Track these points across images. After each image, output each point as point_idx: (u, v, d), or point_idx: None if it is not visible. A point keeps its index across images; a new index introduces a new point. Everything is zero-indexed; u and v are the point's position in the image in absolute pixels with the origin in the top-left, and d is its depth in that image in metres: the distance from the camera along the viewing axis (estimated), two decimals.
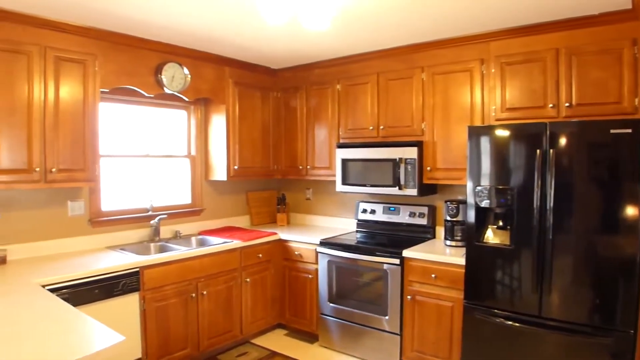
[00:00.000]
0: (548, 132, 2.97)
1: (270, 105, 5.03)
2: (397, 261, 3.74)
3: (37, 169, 3.19)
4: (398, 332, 3.78)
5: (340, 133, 4.53)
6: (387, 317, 3.82)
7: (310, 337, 4.46)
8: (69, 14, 3.22)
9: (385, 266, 3.81)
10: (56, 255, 3.60)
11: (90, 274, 3.12)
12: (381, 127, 4.22)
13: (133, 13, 3.24)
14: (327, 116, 4.64)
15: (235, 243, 4.16)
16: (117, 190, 4.16)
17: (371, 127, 4.28)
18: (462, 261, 3.41)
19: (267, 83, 4.99)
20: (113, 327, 2.04)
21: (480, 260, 3.30)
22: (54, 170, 3.27)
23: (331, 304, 4.19)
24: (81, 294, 3.03)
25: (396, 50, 4.11)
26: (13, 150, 3.10)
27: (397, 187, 4.02)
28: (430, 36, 3.79)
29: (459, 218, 3.84)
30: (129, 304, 3.34)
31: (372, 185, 4.19)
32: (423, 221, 4.28)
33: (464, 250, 3.54)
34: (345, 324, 4.10)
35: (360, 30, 3.63)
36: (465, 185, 3.41)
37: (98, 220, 3.93)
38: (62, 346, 1.87)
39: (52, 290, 2.76)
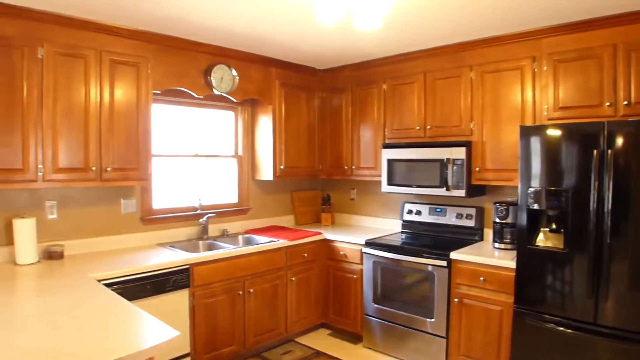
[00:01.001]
0: (606, 132, 2.86)
1: (315, 105, 5.05)
2: (444, 263, 3.69)
3: (93, 168, 3.33)
4: (444, 335, 3.72)
5: (386, 133, 4.50)
6: (432, 320, 3.77)
7: (354, 338, 4.45)
8: (124, 18, 3.33)
9: (431, 268, 3.76)
10: (110, 251, 3.73)
11: (143, 270, 3.23)
12: (428, 127, 4.17)
13: (185, 16, 3.32)
14: (372, 116, 4.62)
15: (282, 242, 4.20)
16: (167, 189, 4.28)
17: (418, 127, 4.24)
18: (512, 264, 3.33)
19: (312, 83, 5.02)
20: (163, 322, 2.10)
21: (532, 264, 3.21)
22: (108, 169, 3.40)
23: (375, 305, 4.18)
24: (134, 289, 3.13)
25: (444, 49, 4.05)
26: (71, 150, 3.24)
27: (444, 188, 3.96)
28: (479, 34, 3.72)
29: (509, 220, 3.75)
30: (179, 300, 3.43)
31: (418, 186, 4.15)
32: (470, 223, 4.21)
33: (513, 253, 3.46)
34: (390, 325, 4.07)
35: (408, 29, 3.61)
36: (515, 187, 3.34)
37: (149, 218, 4.05)
38: (122, 339, 1.94)
39: (106, 285, 2.85)
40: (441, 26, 3.53)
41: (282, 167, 4.68)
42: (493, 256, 3.54)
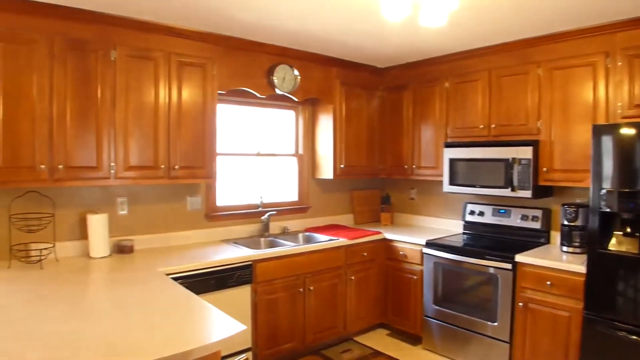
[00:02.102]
0: None
1: (376, 104, 5.02)
2: (508, 266, 3.58)
3: (162, 166, 3.47)
4: (507, 340, 3.61)
5: (448, 132, 4.42)
6: (495, 324, 3.67)
7: (413, 339, 4.40)
8: (191, 20, 3.44)
9: (495, 270, 3.66)
10: (176, 246, 3.87)
11: (209, 265, 3.33)
12: (492, 125, 4.06)
13: (249, 17, 3.39)
14: (434, 115, 4.54)
15: (341, 241, 4.21)
16: (230, 187, 4.38)
17: (481, 126, 4.13)
18: (581, 269, 3.19)
19: (372, 82, 4.99)
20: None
21: (604, 269, 3.06)
22: (176, 167, 3.53)
23: (436, 306, 4.11)
24: (199, 283, 3.23)
25: (509, 45, 3.92)
26: (141, 149, 3.38)
27: (509, 189, 3.84)
28: (548, 29, 3.58)
29: (578, 223, 3.59)
30: (241, 296, 3.51)
31: (481, 186, 4.05)
32: (536, 225, 4.06)
33: (583, 257, 3.32)
34: (450, 328, 4.00)
35: (474, 25, 3.52)
36: (585, 188, 3.19)
37: (213, 215, 4.17)
38: (192, 331, 2.01)
39: (174, 279, 2.95)
40: (508, 22, 3.43)
41: (342, 166, 4.69)
42: (561, 260, 3.41)
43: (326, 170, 4.74)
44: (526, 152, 3.74)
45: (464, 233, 4.57)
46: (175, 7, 3.16)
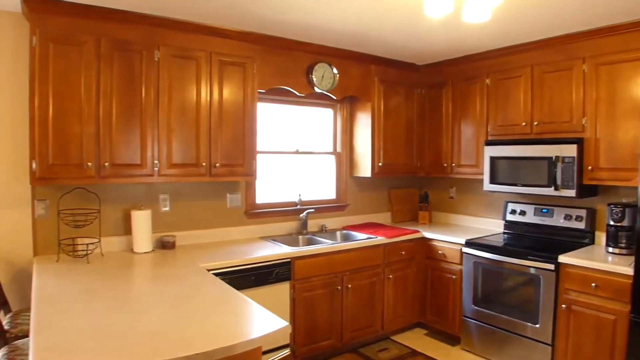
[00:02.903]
0: None
1: (415, 101, 4.98)
2: (551, 267, 3.49)
3: (204, 164, 3.53)
4: (549, 342, 3.53)
5: (489, 130, 4.34)
6: (537, 325, 3.59)
7: (451, 339, 4.35)
8: (232, 20, 3.49)
9: (537, 271, 3.58)
10: (216, 242, 3.95)
11: (249, 261, 3.38)
12: (535, 123, 3.97)
13: (289, 17, 3.42)
14: (474, 112, 4.47)
15: (379, 239, 4.20)
16: (269, 185, 4.43)
17: (524, 123, 4.04)
18: (629, 271, 3.08)
19: (411, 79, 4.95)
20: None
21: None
22: (217, 165, 3.59)
23: (475, 307, 4.05)
24: (239, 279, 3.28)
25: (553, 41, 3.82)
26: (183, 147, 3.46)
27: (553, 188, 3.75)
28: (594, 23, 3.47)
29: (625, 223, 3.47)
30: (280, 292, 3.55)
31: (523, 185, 3.96)
32: (580, 225, 3.94)
33: (630, 259, 3.22)
34: (490, 329, 3.93)
35: (518, 20, 3.44)
36: (633, 188, 3.09)
37: (252, 212, 4.23)
38: (235, 326, 2.05)
39: (215, 275, 3.01)
40: (552, 16, 3.34)
41: (380, 164, 4.68)
42: (607, 261, 3.30)
43: (364, 168, 4.73)
44: (570, 150, 3.64)
45: (504, 233, 4.49)
46: (216, 8, 3.21)
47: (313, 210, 4.51)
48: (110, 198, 3.54)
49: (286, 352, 1.70)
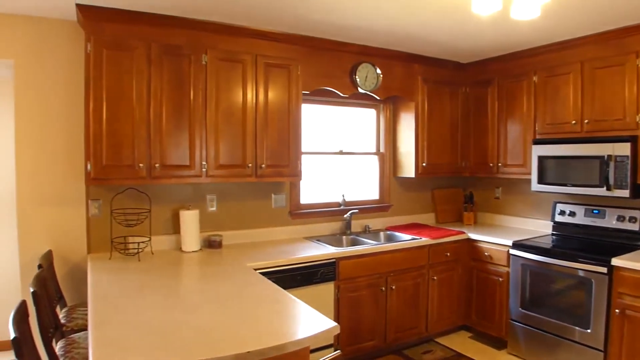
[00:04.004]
0: None
1: (459, 100, 4.91)
2: (604, 270, 3.38)
3: (250, 165, 3.60)
4: (601, 348, 3.41)
5: (537, 128, 4.23)
6: (588, 330, 3.48)
7: (497, 343, 4.26)
8: (277, 23, 3.54)
9: (589, 274, 3.47)
10: (262, 242, 4.01)
11: (295, 261, 3.42)
12: (585, 121, 3.84)
13: (333, 18, 3.44)
14: (521, 110, 4.37)
15: (424, 240, 4.16)
16: (313, 185, 4.46)
17: (573, 122, 3.93)
18: None
19: (455, 78, 4.89)
20: None
21: None
22: (263, 165, 3.65)
23: (522, 310, 3.96)
24: (285, 279, 3.32)
25: (604, 36, 3.69)
26: (230, 148, 3.53)
27: (605, 188, 3.63)
28: None
29: None
30: (325, 292, 3.57)
31: (573, 185, 3.85)
32: (634, 227, 3.80)
33: None
34: (538, 333, 3.84)
35: (568, 15, 3.34)
36: None
37: (297, 213, 4.27)
38: (283, 325, 2.08)
39: (261, 274, 3.05)
40: (603, 10, 3.23)
41: (424, 164, 4.63)
42: None
43: (408, 169, 4.70)
44: (624, 149, 3.52)
45: (552, 234, 4.37)
46: (261, 11, 3.26)
47: (357, 210, 4.51)
48: (159, 198, 3.65)
49: (337, 352, 1.71)
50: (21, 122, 3.27)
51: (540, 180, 4.11)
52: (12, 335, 1.77)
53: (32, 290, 2.35)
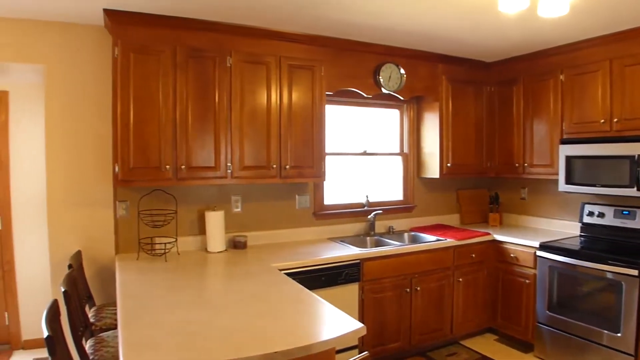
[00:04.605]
0: None
1: (484, 100, 4.86)
2: (634, 272, 3.30)
3: (274, 166, 3.62)
4: (632, 352, 3.33)
5: (564, 128, 4.16)
6: (618, 334, 3.40)
7: (523, 346, 4.20)
8: (299, 25, 3.55)
9: (619, 277, 3.39)
10: (286, 243, 4.03)
11: (319, 262, 3.43)
12: (615, 119, 3.76)
13: (356, 19, 3.43)
14: (548, 110, 4.30)
15: (449, 241, 4.13)
16: (337, 186, 4.47)
17: (602, 121, 3.84)
18: None
19: (480, 77, 4.83)
20: None
21: None
22: (287, 167, 3.67)
23: (550, 313, 3.89)
24: (310, 279, 3.32)
25: (634, 32, 3.59)
26: (255, 150, 3.56)
27: (635, 188, 3.55)
28: None
29: None
30: (349, 293, 3.57)
31: (602, 186, 3.77)
32: None
33: None
34: (566, 336, 3.76)
35: (598, 12, 3.26)
36: None
37: (321, 214, 4.28)
38: (309, 326, 2.09)
39: (286, 274, 3.06)
40: (635, 6, 3.15)
41: (448, 164, 4.60)
42: None
43: (432, 169, 4.67)
44: None
45: (581, 236, 4.28)
46: (284, 13, 3.28)
47: (381, 211, 4.50)
48: (185, 199, 3.69)
49: (365, 353, 1.70)
50: (51, 126, 3.35)
51: (568, 181, 4.04)
52: (45, 333, 1.81)
53: (63, 289, 2.40)
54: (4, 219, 4.05)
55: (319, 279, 3.40)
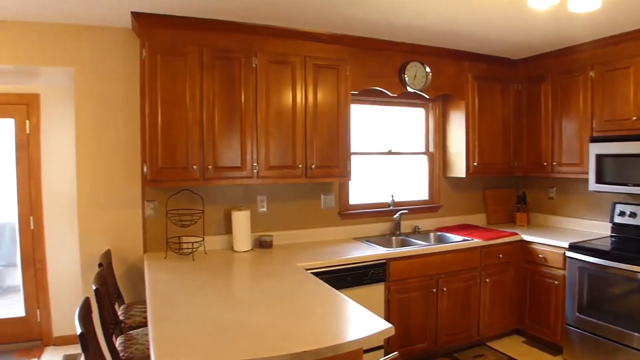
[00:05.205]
0: None
1: (511, 98, 4.78)
2: None
3: (300, 165, 3.63)
4: None
5: (594, 126, 4.07)
6: None
7: (552, 348, 4.12)
8: (324, 24, 3.55)
9: None
10: (311, 243, 4.04)
11: (345, 262, 3.43)
12: None
13: (381, 18, 3.42)
14: (577, 107, 4.21)
15: (476, 241, 4.08)
16: (362, 185, 4.46)
17: (634, 118, 3.74)
18: None
19: (506, 75, 4.76)
20: None
21: None
22: (313, 166, 3.67)
23: (579, 315, 3.81)
24: (335, 279, 3.32)
25: None
26: (280, 149, 3.58)
27: None
28: None
29: None
30: (375, 293, 3.56)
31: (634, 185, 3.68)
32: None
33: None
34: (596, 339, 3.68)
35: (627, 7, 3.17)
36: None
37: (346, 213, 4.28)
38: (336, 325, 2.09)
39: (312, 274, 3.06)
40: None
41: (475, 163, 4.54)
42: None
43: (458, 169, 4.62)
44: None
45: (611, 236, 4.18)
46: (309, 13, 3.28)
47: (406, 211, 4.47)
48: (212, 199, 3.72)
49: (395, 354, 1.69)
50: (81, 127, 3.42)
51: (599, 180, 3.95)
52: (79, 330, 1.84)
53: (94, 287, 2.44)
54: (36, 218, 4.14)
55: (344, 278, 3.40)
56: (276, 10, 3.20)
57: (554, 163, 4.44)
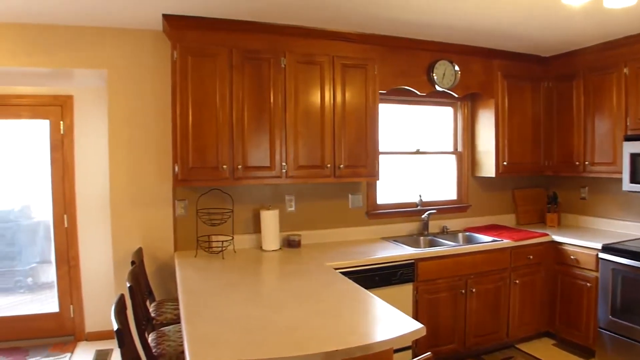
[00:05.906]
0: None
1: (541, 96, 4.70)
2: None
3: (328, 165, 3.65)
4: None
5: (628, 124, 3.97)
6: None
7: (584, 352, 4.03)
8: (352, 24, 3.55)
9: None
10: (339, 242, 4.05)
11: (374, 261, 3.43)
12: None
13: (409, 16, 3.41)
14: (610, 105, 4.12)
15: (506, 242, 4.03)
16: (390, 185, 4.44)
17: None
18: None
19: (536, 73, 4.68)
20: None
21: None
22: (341, 166, 3.68)
23: (613, 318, 3.72)
24: (364, 279, 3.31)
25: None
26: (309, 149, 3.60)
27: None
28: None
29: None
30: (403, 293, 3.54)
31: None
32: None
33: None
34: (630, 343, 3.59)
35: None
36: None
37: (373, 213, 4.27)
38: (367, 325, 2.10)
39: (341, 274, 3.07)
40: None
41: (504, 163, 4.48)
42: None
43: (487, 168, 4.57)
44: None
45: None
46: (337, 13, 3.29)
47: (434, 211, 4.44)
48: (241, 198, 3.76)
49: (428, 354, 1.68)
50: (114, 128, 3.49)
51: (633, 180, 3.86)
52: (115, 326, 1.89)
53: (128, 285, 2.50)
54: (70, 217, 4.25)
55: (372, 278, 3.40)
56: (304, 10, 3.22)
57: (586, 162, 4.35)
